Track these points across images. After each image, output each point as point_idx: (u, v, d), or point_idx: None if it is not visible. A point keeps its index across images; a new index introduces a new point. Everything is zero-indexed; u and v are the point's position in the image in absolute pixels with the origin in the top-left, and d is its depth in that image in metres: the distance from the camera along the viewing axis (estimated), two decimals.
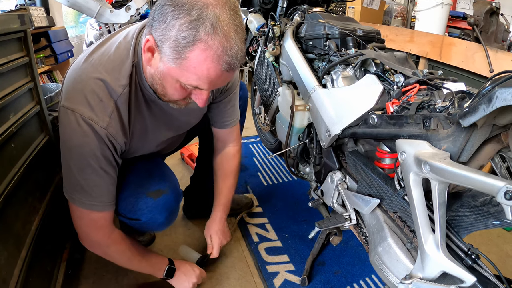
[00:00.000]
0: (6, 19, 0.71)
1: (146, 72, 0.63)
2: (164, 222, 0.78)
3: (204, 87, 0.57)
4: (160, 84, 0.60)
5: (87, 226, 0.70)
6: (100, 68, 0.61)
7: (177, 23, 0.51)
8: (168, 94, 0.61)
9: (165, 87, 0.60)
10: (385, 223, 0.66)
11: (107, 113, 0.61)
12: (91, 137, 0.61)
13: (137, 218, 0.76)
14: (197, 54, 0.52)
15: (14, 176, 0.67)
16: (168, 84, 0.59)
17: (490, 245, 1.13)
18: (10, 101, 0.71)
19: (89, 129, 0.60)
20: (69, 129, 0.61)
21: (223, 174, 0.94)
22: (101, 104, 0.61)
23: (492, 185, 0.42)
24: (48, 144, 0.88)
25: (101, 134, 0.61)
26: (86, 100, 0.60)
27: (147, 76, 0.63)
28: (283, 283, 0.94)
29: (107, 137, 0.62)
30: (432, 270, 0.52)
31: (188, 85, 0.58)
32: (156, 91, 0.64)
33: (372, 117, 0.68)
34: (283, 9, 1.15)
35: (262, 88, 1.22)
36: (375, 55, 0.75)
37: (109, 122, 0.61)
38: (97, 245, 0.73)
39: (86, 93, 0.60)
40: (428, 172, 0.51)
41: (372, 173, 0.70)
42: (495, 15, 1.41)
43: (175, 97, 0.62)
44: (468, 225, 0.55)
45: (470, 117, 0.47)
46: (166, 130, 0.79)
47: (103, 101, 0.61)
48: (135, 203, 0.75)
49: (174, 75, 0.56)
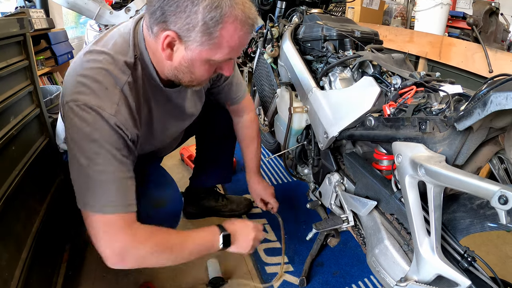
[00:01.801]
0: (5, 23, 0.72)
1: (164, 67, 0.63)
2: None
3: (236, 55, 0.62)
4: (188, 72, 0.61)
5: (104, 235, 0.57)
6: (101, 59, 0.60)
7: (200, 8, 0.53)
8: (198, 77, 0.63)
9: (194, 73, 0.62)
10: (382, 225, 0.66)
11: (115, 101, 0.58)
12: (100, 124, 0.56)
13: None
14: (227, 29, 0.55)
15: (15, 178, 0.68)
16: (198, 69, 0.61)
17: (490, 245, 1.13)
18: (10, 104, 0.71)
19: (97, 116, 0.56)
20: (75, 121, 0.56)
21: (245, 142, 1.00)
22: (107, 92, 0.58)
23: (486, 189, 0.42)
24: (48, 146, 0.89)
25: (110, 121, 0.57)
26: (90, 90, 0.57)
27: (163, 71, 0.64)
28: (282, 283, 0.94)
29: (117, 125, 0.58)
30: (427, 273, 0.52)
31: (221, 60, 0.60)
32: (181, 81, 0.64)
33: (369, 119, 0.68)
34: (281, 10, 1.15)
35: (261, 89, 1.22)
36: (373, 57, 0.76)
37: (117, 110, 0.58)
38: (126, 254, 0.58)
39: (89, 83, 0.57)
40: (424, 175, 0.51)
41: (369, 175, 0.70)
42: (494, 15, 1.40)
43: (205, 77, 0.64)
44: (464, 228, 0.55)
45: (465, 121, 0.47)
46: (173, 122, 0.78)
47: (109, 89, 0.58)
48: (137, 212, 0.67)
49: (206, 56, 0.58)
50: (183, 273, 0.97)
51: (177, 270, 0.98)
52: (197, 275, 0.96)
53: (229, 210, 1.20)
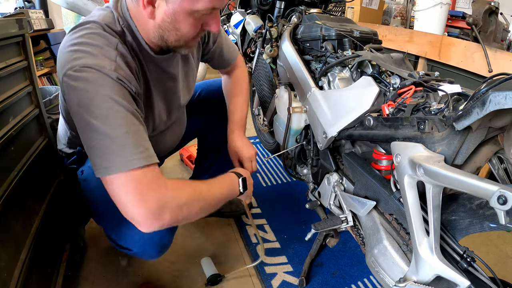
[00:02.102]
0: (4, 24, 0.72)
1: (149, 29, 0.61)
2: (155, 255, 0.71)
3: (219, 4, 0.59)
4: (173, 28, 0.60)
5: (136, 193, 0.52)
6: (89, 26, 0.59)
7: None
8: (184, 34, 0.61)
9: (179, 29, 0.60)
10: (381, 225, 0.66)
11: (112, 58, 0.56)
12: (103, 80, 0.53)
13: (127, 248, 0.70)
14: None
15: (14, 178, 0.68)
16: (182, 23, 0.59)
17: (490, 245, 1.13)
18: (9, 105, 0.71)
19: (98, 73, 0.53)
20: (78, 85, 0.53)
21: (231, 95, 0.93)
22: (102, 51, 0.56)
23: (485, 189, 0.42)
24: (47, 147, 0.89)
25: (112, 76, 0.54)
26: (85, 52, 0.55)
27: (150, 34, 0.62)
28: (281, 284, 0.94)
29: (119, 79, 0.55)
30: (426, 274, 0.52)
31: (204, 11, 0.58)
32: (168, 41, 0.62)
33: (368, 119, 0.68)
34: (280, 10, 1.15)
35: (260, 89, 1.22)
36: (372, 57, 0.75)
37: (116, 66, 0.56)
38: (164, 206, 0.54)
39: (83, 48, 0.55)
40: (422, 175, 0.51)
41: (368, 175, 0.70)
42: (494, 15, 1.40)
43: (191, 33, 0.62)
44: (464, 228, 0.55)
45: (464, 120, 0.47)
46: (170, 95, 0.76)
47: (104, 48, 0.57)
48: (127, 234, 0.67)
49: (187, 6, 0.57)
50: (181, 274, 0.97)
51: (176, 271, 0.98)
52: (195, 276, 0.96)
53: (229, 211, 1.20)
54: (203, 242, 1.10)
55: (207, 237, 1.11)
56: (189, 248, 1.05)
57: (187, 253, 1.04)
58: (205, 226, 1.16)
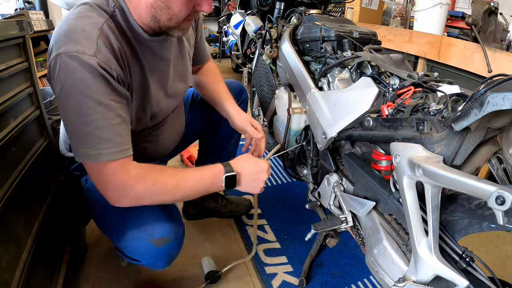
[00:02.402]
0: (5, 26, 0.72)
1: (141, 10, 0.61)
2: (164, 266, 0.74)
3: None
4: (165, 7, 0.59)
5: (100, 180, 0.61)
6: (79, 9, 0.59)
7: None
8: (176, 13, 0.60)
9: (171, 8, 0.59)
10: (381, 225, 0.66)
11: (93, 39, 0.56)
12: (81, 73, 0.55)
13: (137, 259, 0.71)
14: None
15: (15, 179, 0.68)
16: (174, 2, 0.59)
17: (490, 245, 1.13)
18: (10, 106, 0.72)
19: (77, 64, 0.54)
20: (59, 75, 0.55)
21: (213, 81, 0.94)
22: (84, 33, 0.56)
23: (484, 190, 0.42)
24: (48, 147, 0.89)
25: (91, 63, 0.55)
26: (68, 38, 0.55)
27: (142, 15, 0.62)
28: (281, 284, 0.94)
29: (99, 66, 0.55)
30: (425, 274, 0.52)
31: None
32: (160, 21, 0.61)
33: (367, 119, 0.68)
34: (280, 11, 1.15)
35: (260, 90, 1.23)
36: (371, 58, 0.76)
37: (97, 49, 0.56)
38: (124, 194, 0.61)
39: (67, 33, 0.56)
40: (421, 175, 0.51)
41: (367, 176, 0.70)
42: (493, 15, 1.40)
43: (183, 13, 0.61)
44: (463, 228, 0.55)
45: (462, 121, 0.47)
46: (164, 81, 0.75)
47: (86, 30, 0.56)
48: (137, 247, 0.69)
49: None
50: (182, 274, 0.97)
51: (176, 272, 0.98)
52: (196, 276, 0.96)
53: (228, 211, 1.20)
54: (203, 242, 1.10)
55: (206, 238, 1.12)
56: (189, 249, 1.06)
57: (187, 254, 1.04)
58: (205, 227, 1.17)
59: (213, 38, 4.47)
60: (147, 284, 0.93)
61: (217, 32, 4.48)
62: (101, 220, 0.78)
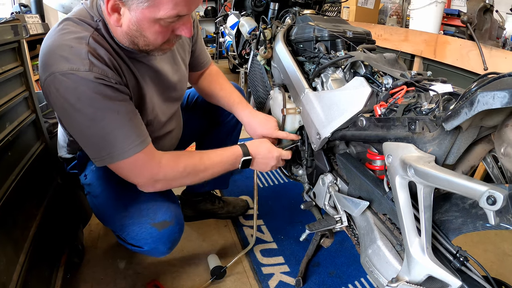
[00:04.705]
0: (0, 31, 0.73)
1: (118, 35, 0.61)
2: (166, 252, 0.74)
3: (185, 11, 0.56)
4: (140, 35, 0.59)
5: (132, 174, 0.64)
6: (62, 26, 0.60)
7: None
8: (151, 41, 0.60)
9: (146, 36, 0.59)
10: (375, 225, 0.66)
11: (83, 55, 0.56)
12: (81, 85, 0.56)
13: (139, 246, 0.72)
14: None
15: (12, 183, 0.69)
16: (148, 31, 0.58)
17: (488, 243, 1.13)
18: (6, 110, 0.72)
19: (74, 80, 0.55)
20: (59, 92, 0.56)
21: (219, 88, 0.94)
22: (73, 50, 0.56)
23: (475, 190, 0.42)
24: (44, 151, 0.90)
25: (89, 78, 0.55)
26: (58, 57, 0.56)
27: (120, 39, 0.62)
28: (278, 284, 0.94)
29: (96, 78, 0.56)
30: (418, 274, 0.52)
31: (169, 19, 0.56)
32: (138, 46, 0.61)
33: (360, 119, 0.68)
34: (274, 12, 1.15)
35: (255, 91, 1.23)
36: (364, 57, 0.76)
37: (90, 63, 0.56)
38: (156, 181, 0.66)
39: (56, 52, 0.56)
40: (413, 175, 0.51)
41: (361, 175, 0.70)
42: (489, 12, 1.40)
43: (159, 40, 0.60)
44: (457, 227, 0.55)
45: (453, 120, 0.47)
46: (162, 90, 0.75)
47: (73, 46, 0.56)
48: (139, 232, 0.70)
49: (150, 15, 0.55)
50: (179, 276, 0.97)
51: (174, 273, 0.98)
52: (194, 277, 0.97)
53: (225, 212, 1.21)
54: (200, 243, 1.10)
55: (204, 239, 1.12)
56: (187, 250, 1.06)
57: (185, 255, 1.04)
58: (202, 228, 1.17)
59: (210, 39, 4.48)
60: (154, 281, 0.93)
61: (214, 33, 4.48)
62: (103, 212, 0.78)
